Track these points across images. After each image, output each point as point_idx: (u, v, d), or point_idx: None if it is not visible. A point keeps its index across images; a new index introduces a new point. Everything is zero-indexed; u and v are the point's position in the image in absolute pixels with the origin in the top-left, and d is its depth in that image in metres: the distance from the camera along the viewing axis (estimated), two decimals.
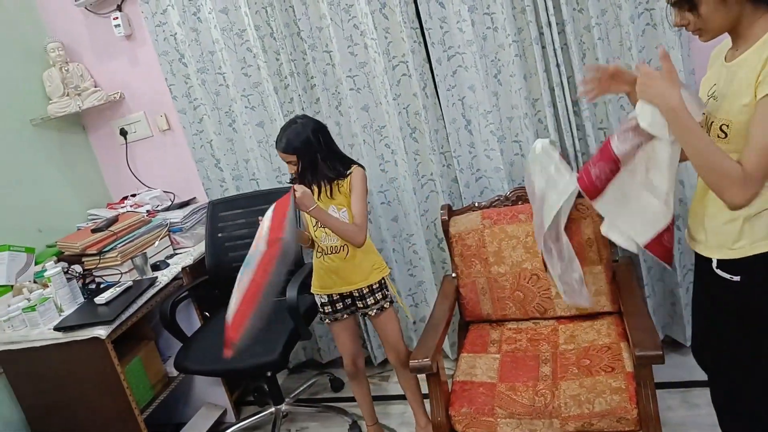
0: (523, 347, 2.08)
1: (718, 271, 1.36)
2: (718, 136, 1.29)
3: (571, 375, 1.86)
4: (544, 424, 1.76)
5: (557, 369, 1.91)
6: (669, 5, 1.31)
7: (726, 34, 1.30)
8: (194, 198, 2.94)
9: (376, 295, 2.09)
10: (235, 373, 2.68)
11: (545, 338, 2.10)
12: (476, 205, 2.33)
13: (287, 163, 2.00)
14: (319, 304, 2.16)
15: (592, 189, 1.47)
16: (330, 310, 2.14)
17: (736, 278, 1.33)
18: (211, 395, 2.73)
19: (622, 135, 1.39)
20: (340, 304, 2.13)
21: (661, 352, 1.58)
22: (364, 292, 2.08)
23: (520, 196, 2.26)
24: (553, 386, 1.83)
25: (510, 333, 2.18)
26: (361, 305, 2.11)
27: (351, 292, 2.09)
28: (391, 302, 2.15)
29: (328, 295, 2.11)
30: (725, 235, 1.34)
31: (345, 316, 2.16)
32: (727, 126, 1.26)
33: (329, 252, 2.05)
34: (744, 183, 1.19)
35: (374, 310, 2.10)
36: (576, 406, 1.73)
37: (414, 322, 2.69)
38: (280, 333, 2.28)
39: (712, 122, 1.32)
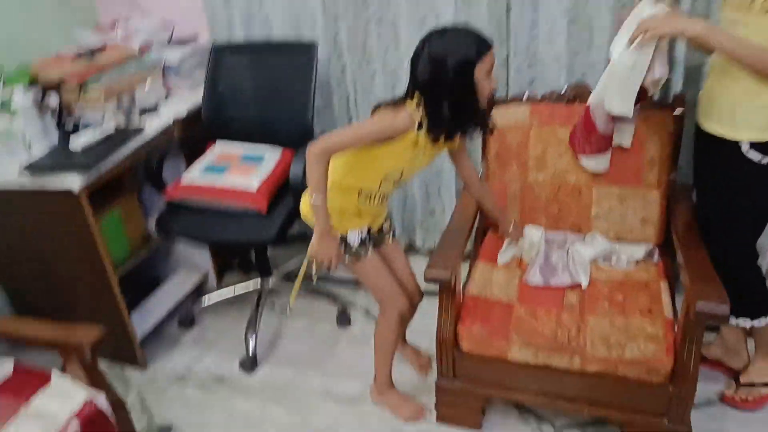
0: None
1: (750, 153, 1.40)
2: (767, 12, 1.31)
3: (600, 309, 1.64)
4: (563, 359, 1.58)
5: (585, 299, 1.69)
6: None
7: None
8: (196, 35, 2.52)
9: (390, 219, 1.84)
10: (226, 245, 2.47)
11: None
12: (525, 97, 1.97)
13: (492, 73, 1.43)
14: (360, 240, 1.72)
15: None
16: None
17: (766, 160, 1.39)
18: (194, 257, 2.53)
19: None
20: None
21: (728, 310, 1.34)
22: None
23: (578, 94, 1.90)
24: (580, 319, 1.62)
25: None
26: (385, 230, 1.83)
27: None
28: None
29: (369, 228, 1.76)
30: (759, 119, 1.38)
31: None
32: None
33: (384, 199, 1.71)
34: None
35: (391, 234, 1.83)
36: (604, 348, 1.53)
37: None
38: (278, 209, 2.03)
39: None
